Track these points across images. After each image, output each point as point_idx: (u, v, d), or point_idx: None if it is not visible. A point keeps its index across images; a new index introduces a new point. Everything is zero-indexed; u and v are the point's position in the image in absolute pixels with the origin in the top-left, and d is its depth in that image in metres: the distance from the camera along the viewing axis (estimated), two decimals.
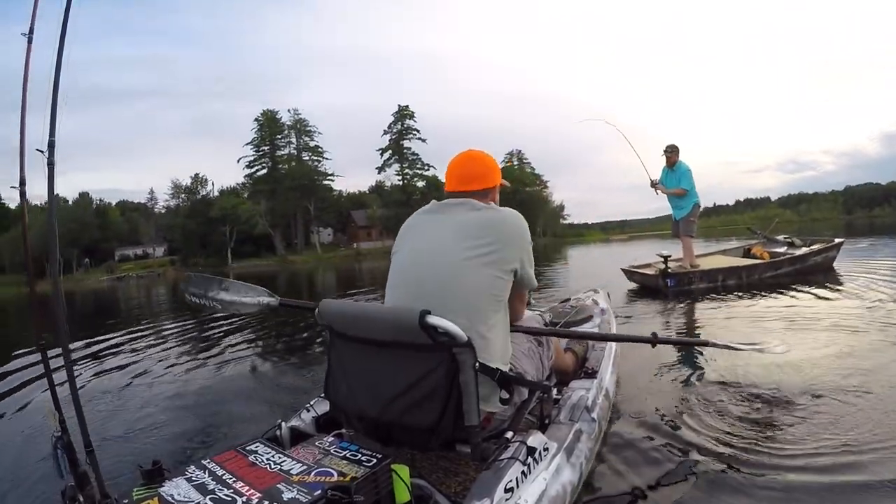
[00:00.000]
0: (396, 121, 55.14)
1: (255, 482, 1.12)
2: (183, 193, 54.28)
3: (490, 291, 1.35)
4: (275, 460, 1.23)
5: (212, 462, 1.22)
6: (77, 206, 53.11)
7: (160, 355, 4.39)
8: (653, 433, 1.99)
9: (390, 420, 1.29)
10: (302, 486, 1.09)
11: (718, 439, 1.89)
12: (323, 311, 1.43)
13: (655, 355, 2.89)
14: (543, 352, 1.72)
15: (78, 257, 48.51)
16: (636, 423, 2.09)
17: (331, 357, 1.48)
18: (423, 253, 1.42)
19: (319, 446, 1.30)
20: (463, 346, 1.20)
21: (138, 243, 55.64)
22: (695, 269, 5.95)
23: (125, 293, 19.65)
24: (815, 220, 34.27)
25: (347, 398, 1.40)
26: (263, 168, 53.41)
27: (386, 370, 1.31)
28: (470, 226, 1.39)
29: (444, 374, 1.22)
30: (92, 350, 4.99)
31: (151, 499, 1.07)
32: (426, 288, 1.36)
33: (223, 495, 1.08)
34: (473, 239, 1.36)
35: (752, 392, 2.30)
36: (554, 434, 1.54)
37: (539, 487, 1.31)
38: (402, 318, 1.24)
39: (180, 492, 1.10)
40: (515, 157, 61.22)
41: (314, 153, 54.91)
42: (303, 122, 54.70)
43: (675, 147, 5.97)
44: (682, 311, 4.73)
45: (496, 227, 1.39)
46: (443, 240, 1.39)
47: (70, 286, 33.65)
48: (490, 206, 1.46)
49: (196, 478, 1.16)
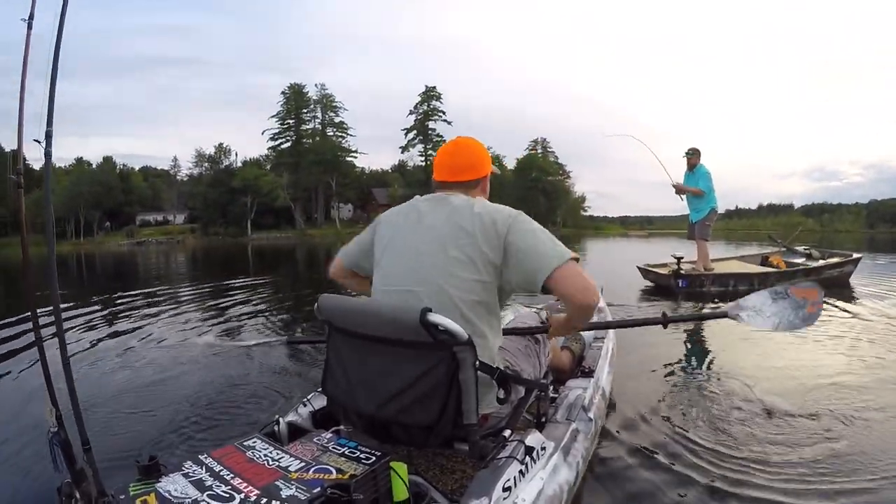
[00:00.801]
0: (423, 101, 55.22)
1: (253, 478, 1.11)
2: (206, 162, 54.76)
3: (481, 294, 1.33)
4: (273, 456, 1.22)
5: (209, 457, 1.21)
6: (101, 169, 53.14)
7: (159, 347, 4.36)
8: (650, 433, 2.00)
9: (388, 417, 1.29)
10: (300, 484, 1.09)
11: (716, 439, 1.90)
12: (322, 305, 1.42)
13: (653, 355, 2.92)
14: (540, 350, 1.72)
15: (99, 220, 49.72)
16: (633, 422, 2.10)
17: (329, 352, 1.47)
18: (406, 258, 1.39)
19: (317, 443, 1.30)
20: (464, 344, 1.20)
21: (160, 209, 56.30)
22: (707, 273, 6.03)
23: (144, 258, 19.84)
24: (837, 231, 34.19)
25: (345, 394, 1.39)
26: (288, 141, 53.53)
27: (385, 367, 1.30)
28: (464, 226, 1.35)
29: (444, 372, 1.22)
30: (90, 340, 4.96)
31: (148, 494, 1.06)
32: (419, 291, 1.34)
33: (221, 491, 1.07)
34: (465, 238, 1.33)
35: (751, 395, 2.32)
36: (551, 433, 1.55)
37: (536, 486, 1.32)
38: (403, 315, 1.23)
39: (177, 487, 1.09)
40: (540, 144, 60.97)
41: (339, 129, 55.04)
42: (329, 97, 54.86)
43: (696, 150, 6.06)
44: (688, 310, 4.85)
45: (488, 227, 1.33)
46: (435, 241, 1.36)
47: (90, 248, 35.27)
48: (484, 204, 1.40)
49: (193, 473, 1.15)
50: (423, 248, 1.37)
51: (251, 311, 5.67)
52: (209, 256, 19.68)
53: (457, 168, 1.48)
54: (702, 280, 5.96)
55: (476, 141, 1.55)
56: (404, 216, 1.47)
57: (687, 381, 2.56)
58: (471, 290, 1.33)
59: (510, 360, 1.53)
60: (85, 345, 4.30)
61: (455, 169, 1.48)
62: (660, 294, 5.94)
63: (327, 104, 54.61)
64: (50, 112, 1.25)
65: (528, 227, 1.35)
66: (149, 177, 59.83)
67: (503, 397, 1.36)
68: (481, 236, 1.33)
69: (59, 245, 40.76)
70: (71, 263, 18.30)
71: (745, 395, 2.30)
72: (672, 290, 5.92)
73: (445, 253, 1.34)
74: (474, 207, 1.38)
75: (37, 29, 1.29)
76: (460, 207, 1.38)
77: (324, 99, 54.64)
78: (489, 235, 1.33)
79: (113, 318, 5.38)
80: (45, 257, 1.26)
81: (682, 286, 5.87)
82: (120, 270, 13.90)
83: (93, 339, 4.55)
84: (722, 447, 1.84)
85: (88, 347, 4.23)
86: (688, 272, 5.98)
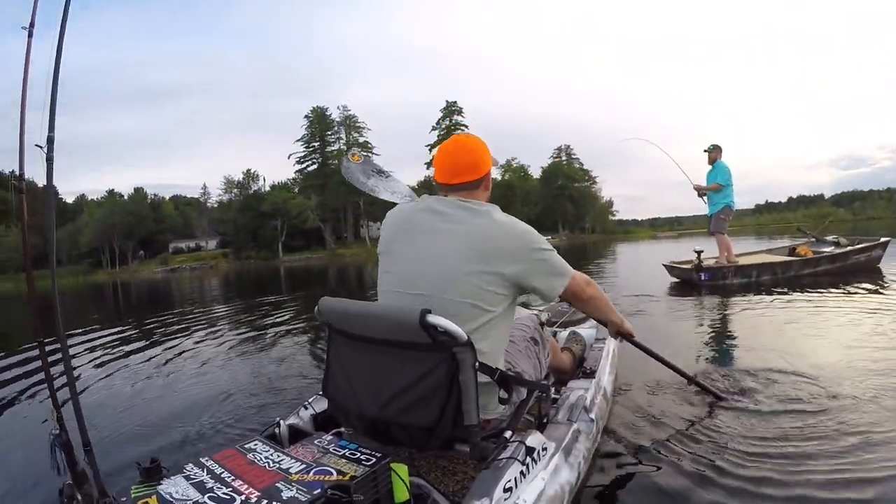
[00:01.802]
0: (444, 116, 56.27)
1: (253, 480, 1.12)
2: (235, 188, 56.95)
3: (484, 301, 1.33)
4: (274, 459, 1.23)
5: (210, 460, 1.22)
6: (132, 200, 56.12)
7: (161, 352, 4.38)
8: (652, 433, 1.99)
9: (389, 419, 1.29)
10: (301, 485, 1.09)
11: (718, 440, 1.89)
12: (322, 308, 1.43)
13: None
14: (541, 350, 1.72)
15: (133, 249, 52.15)
16: (635, 422, 2.10)
17: (330, 355, 1.48)
18: (419, 262, 1.37)
19: (318, 445, 1.30)
20: (463, 345, 1.20)
21: (192, 236, 58.74)
22: (729, 265, 6.05)
23: (178, 284, 20.33)
24: (870, 218, 33.37)
25: (346, 396, 1.40)
26: (314, 164, 54.93)
27: (385, 369, 1.31)
28: (468, 237, 1.34)
29: (444, 373, 1.22)
30: (92, 345, 4.98)
31: (150, 497, 1.06)
32: (422, 299, 1.33)
33: (222, 494, 1.07)
34: (472, 251, 1.32)
35: (754, 394, 2.31)
36: (552, 434, 1.55)
37: (538, 487, 1.31)
38: (403, 317, 1.24)
39: (179, 490, 1.09)
40: (564, 152, 61.48)
41: (363, 149, 55.47)
42: (352, 118, 56.27)
43: (716, 146, 6.16)
44: (715, 306, 4.80)
45: (493, 240, 1.33)
46: (439, 251, 1.35)
47: (125, 277, 36.59)
48: (497, 217, 1.38)
49: (194, 476, 1.15)
50: (435, 255, 1.35)
51: (272, 323, 5.74)
52: (241, 279, 20.08)
53: (460, 169, 1.45)
54: (724, 272, 5.96)
55: (475, 137, 1.53)
56: (413, 218, 1.44)
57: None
58: (481, 300, 1.32)
59: (510, 361, 1.53)
60: (95, 355, 4.32)
61: (458, 170, 1.45)
62: (684, 289, 5.94)
63: (350, 125, 56.04)
64: (52, 116, 1.26)
65: (534, 247, 1.37)
66: (179, 205, 62.28)
67: (504, 398, 1.36)
68: (493, 250, 1.32)
69: (95, 275, 43.57)
70: (107, 292, 18.80)
71: (750, 394, 2.29)
72: (695, 283, 5.96)
73: (459, 262, 1.32)
74: (488, 218, 1.37)
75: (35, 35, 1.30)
76: (475, 216, 1.37)
77: (347, 120, 56.05)
78: (501, 251, 1.33)
79: (127, 336, 5.40)
80: (79, 286, 1.26)
81: (705, 279, 5.92)
82: (154, 297, 14.27)
83: (102, 352, 4.58)
84: (727, 448, 1.83)
85: (97, 357, 4.25)
86: (709, 265, 6.01)
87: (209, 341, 4.78)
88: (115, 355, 4.35)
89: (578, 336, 2.44)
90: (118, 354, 4.40)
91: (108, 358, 4.21)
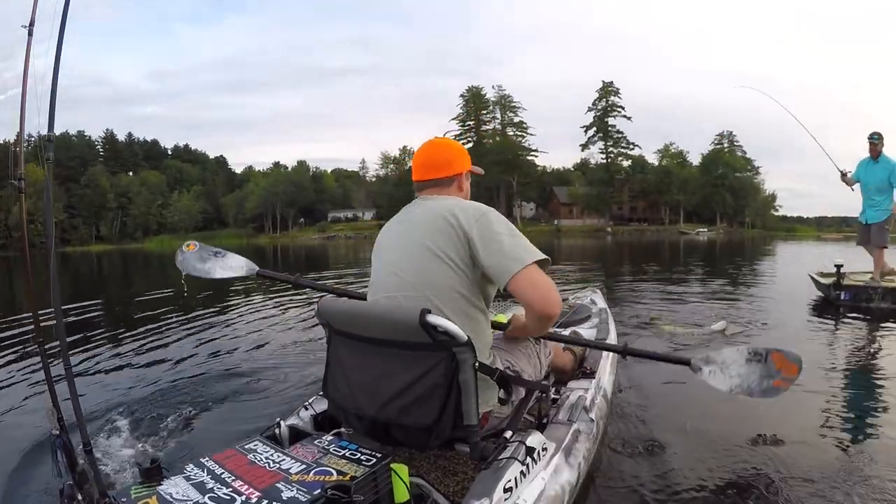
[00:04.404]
0: (600, 97, 55.52)
1: (254, 481, 1.12)
2: (391, 164, 61.24)
3: (462, 292, 1.33)
4: (274, 459, 1.23)
5: (211, 460, 1.22)
6: (295, 171, 62.92)
7: (164, 351, 4.36)
8: (652, 434, 2.00)
9: (389, 419, 1.29)
10: (301, 485, 1.09)
11: (719, 440, 1.89)
12: (322, 308, 1.43)
13: None
14: (541, 350, 1.72)
15: (294, 216, 57.42)
16: (635, 423, 2.10)
17: (329, 355, 1.48)
18: (397, 260, 1.41)
19: (318, 445, 1.30)
20: (463, 345, 1.20)
21: (350, 207, 64.01)
22: (877, 285, 5.02)
23: (334, 251, 21.32)
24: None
25: (346, 397, 1.40)
26: (469, 142, 55.20)
27: (385, 369, 1.31)
28: (437, 227, 1.35)
29: (443, 373, 1.22)
30: (93, 344, 4.97)
31: (150, 497, 1.06)
32: (401, 297, 1.35)
33: (222, 494, 1.07)
34: (439, 236, 1.34)
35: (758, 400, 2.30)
36: (552, 434, 1.55)
37: (538, 487, 1.31)
38: (402, 316, 1.24)
39: (179, 490, 1.09)
40: (726, 139, 57.52)
41: (518, 128, 56.51)
42: (507, 97, 56.62)
43: (880, 135, 5.01)
44: (848, 334, 4.00)
45: (455, 227, 1.33)
46: (412, 244, 1.38)
47: (286, 241, 41.19)
48: (453, 203, 1.39)
49: (195, 476, 1.15)
50: (402, 254, 1.40)
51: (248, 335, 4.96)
52: None
53: (429, 165, 1.50)
54: (870, 293, 4.96)
55: (451, 140, 1.59)
56: (394, 222, 1.51)
57: (691, 381, 2.54)
58: (451, 289, 1.33)
59: (510, 361, 1.53)
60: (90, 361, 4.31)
61: (428, 166, 1.50)
62: (821, 308, 5.12)
63: (505, 105, 56.28)
64: (51, 118, 1.26)
65: (492, 228, 1.32)
66: (339, 177, 67.71)
67: (504, 398, 1.36)
68: (452, 235, 1.33)
69: (258, 238, 49.41)
70: (268, 253, 19.56)
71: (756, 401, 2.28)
72: (831, 302, 5.14)
73: (423, 255, 1.34)
74: (444, 206, 1.38)
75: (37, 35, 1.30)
76: (431, 208, 1.40)
77: (502, 100, 56.35)
78: (458, 235, 1.32)
79: (113, 344, 5.37)
80: (243, 247, 1.27)
81: (845, 299, 5.04)
82: (311, 260, 15.07)
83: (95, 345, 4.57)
84: (728, 448, 1.83)
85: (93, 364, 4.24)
86: (852, 283, 5.09)
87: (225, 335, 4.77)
88: (119, 352, 4.35)
89: (579, 336, 2.43)
90: (122, 352, 4.40)
91: (107, 357, 4.21)
